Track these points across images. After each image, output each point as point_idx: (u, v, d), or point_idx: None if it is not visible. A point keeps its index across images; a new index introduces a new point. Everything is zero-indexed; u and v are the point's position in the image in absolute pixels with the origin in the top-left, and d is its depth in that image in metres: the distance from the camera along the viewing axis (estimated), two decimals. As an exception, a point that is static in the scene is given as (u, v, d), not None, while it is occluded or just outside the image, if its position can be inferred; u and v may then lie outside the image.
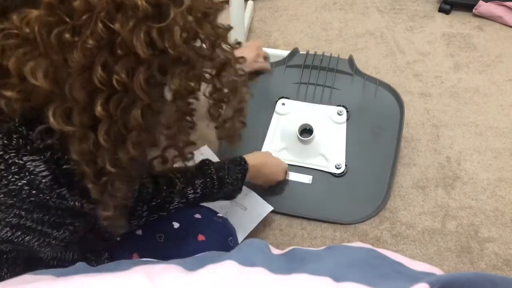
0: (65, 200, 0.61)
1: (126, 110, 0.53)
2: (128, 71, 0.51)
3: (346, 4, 1.70)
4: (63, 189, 0.60)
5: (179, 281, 0.50)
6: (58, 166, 0.59)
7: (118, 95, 0.52)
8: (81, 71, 0.50)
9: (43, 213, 0.62)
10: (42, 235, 0.65)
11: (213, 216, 0.91)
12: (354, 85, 1.27)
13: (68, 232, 0.66)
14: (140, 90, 0.52)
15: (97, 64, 0.50)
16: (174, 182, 0.86)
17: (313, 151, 1.21)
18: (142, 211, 0.80)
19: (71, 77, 0.50)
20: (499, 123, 1.34)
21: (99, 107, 0.52)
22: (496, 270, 1.07)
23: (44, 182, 0.59)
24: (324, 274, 0.48)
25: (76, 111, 0.53)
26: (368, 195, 1.18)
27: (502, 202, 1.18)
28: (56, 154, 0.59)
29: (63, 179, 0.60)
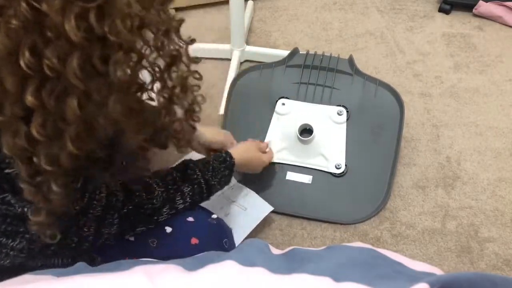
0: (11, 206, 0.59)
1: (61, 99, 0.49)
2: (60, 56, 0.47)
3: (346, 4, 1.70)
4: (6, 194, 0.58)
5: (179, 281, 0.50)
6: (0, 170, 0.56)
7: (51, 83, 0.48)
8: (7, 55, 0.46)
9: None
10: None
11: (207, 218, 0.91)
12: (354, 85, 1.27)
13: (26, 241, 0.63)
14: (74, 77, 0.47)
15: (24, 47, 0.46)
16: (152, 188, 0.81)
17: (313, 151, 1.21)
18: (112, 219, 0.75)
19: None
20: (499, 123, 1.34)
21: (29, 96, 0.48)
22: (496, 270, 1.07)
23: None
24: (324, 274, 0.48)
25: (7, 100, 0.49)
26: (368, 195, 1.18)
27: (502, 202, 1.18)
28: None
29: (6, 184, 0.57)
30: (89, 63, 0.48)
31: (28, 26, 0.45)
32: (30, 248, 0.65)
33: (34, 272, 0.55)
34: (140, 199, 0.78)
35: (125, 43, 0.49)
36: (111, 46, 0.49)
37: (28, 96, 0.48)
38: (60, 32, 0.46)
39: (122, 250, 0.82)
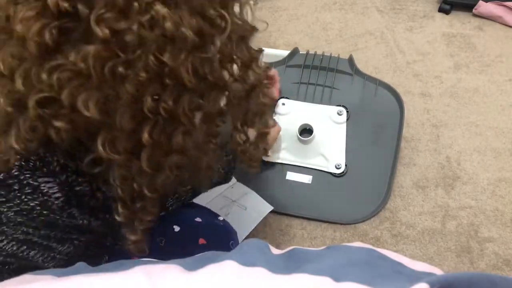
0: (74, 219, 0.62)
1: (169, 136, 0.54)
2: (174, 99, 0.52)
3: (346, 4, 1.70)
4: (73, 209, 0.61)
5: (178, 281, 0.50)
6: (71, 188, 0.60)
7: (163, 122, 0.53)
8: (131, 102, 0.50)
9: (50, 230, 0.62)
10: (46, 250, 0.65)
11: (214, 219, 0.91)
12: (354, 85, 1.27)
13: (73, 247, 0.67)
14: (184, 116, 0.52)
15: (148, 95, 0.50)
16: None
17: (313, 151, 1.21)
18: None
19: (121, 107, 0.51)
20: (499, 123, 1.34)
21: (146, 135, 0.52)
22: (496, 270, 1.07)
23: (56, 204, 0.59)
24: (324, 274, 0.48)
25: (123, 139, 0.53)
26: (368, 195, 1.18)
27: (502, 202, 1.18)
28: (71, 177, 0.60)
29: (75, 200, 0.61)
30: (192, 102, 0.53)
31: (152, 76, 0.49)
32: (75, 251, 0.68)
33: (34, 272, 0.55)
34: None
35: (219, 81, 0.55)
36: (208, 85, 0.54)
37: (145, 135, 0.52)
38: (177, 79, 0.51)
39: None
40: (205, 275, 0.51)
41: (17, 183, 0.58)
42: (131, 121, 0.51)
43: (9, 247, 0.62)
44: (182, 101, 0.52)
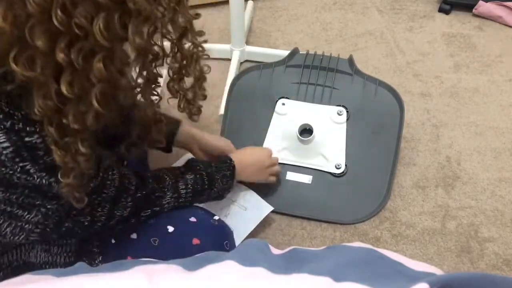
0: (30, 176, 0.60)
1: (88, 58, 0.54)
2: (87, 16, 0.51)
3: (346, 4, 1.70)
4: (26, 163, 0.59)
5: (178, 281, 0.50)
6: (19, 138, 0.59)
7: (79, 42, 0.53)
8: (41, 13, 0.50)
9: (9, 192, 0.61)
10: (12, 218, 0.64)
11: (209, 219, 0.91)
12: (354, 85, 1.27)
13: (41, 215, 0.65)
14: (100, 36, 0.52)
15: (56, 6, 0.50)
16: (162, 178, 0.86)
17: (313, 151, 1.21)
18: (126, 202, 0.78)
19: (31, 19, 0.50)
20: (499, 123, 1.34)
21: (60, 53, 0.52)
22: (496, 270, 1.07)
23: (5, 154, 0.58)
24: (324, 274, 0.48)
25: (39, 57, 0.52)
26: (368, 195, 1.18)
27: (502, 202, 1.18)
28: (17, 124, 0.58)
29: (26, 152, 0.59)
30: (112, 26, 0.53)
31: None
32: (45, 223, 0.66)
33: (34, 272, 0.55)
34: (153, 186, 0.83)
35: (142, 10, 0.54)
36: (129, 12, 0.54)
37: (59, 53, 0.52)
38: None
39: (123, 249, 0.82)
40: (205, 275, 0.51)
41: None
42: (43, 35, 0.51)
43: None
44: (97, 20, 0.52)
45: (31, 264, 0.77)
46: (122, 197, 0.76)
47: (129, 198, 0.78)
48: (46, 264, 0.77)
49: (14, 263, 0.76)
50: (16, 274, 0.74)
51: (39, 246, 0.77)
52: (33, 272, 0.55)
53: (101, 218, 0.74)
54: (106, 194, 0.72)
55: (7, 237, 0.65)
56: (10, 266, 0.75)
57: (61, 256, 0.78)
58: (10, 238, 0.66)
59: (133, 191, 0.78)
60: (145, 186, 0.81)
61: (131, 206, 0.79)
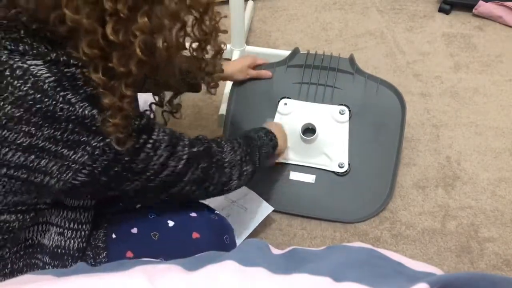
0: (72, 106, 0.62)
1: (132, 10, 0.59)
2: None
3: (346, 4, 1.71)
4: (67, 92, 0.62)
5: (178, 281, 0.50)
6: (59, 70, 0.62)
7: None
8: None
9: (54, 128, 0.62)
10: (58, 158, 0.64)
11: (209, 214, 0.91)
12: (356, 84, 1.27)
13: (88, 156, 0.65)
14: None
15: None
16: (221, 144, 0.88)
17: (316, 151, 1.21)
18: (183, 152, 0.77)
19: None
20: (499, 123, 1.34)
21: (107, 1, 0.57)
22: (496, 270, 1.07)
23: (47, 83, 0.60)
24: (324, 274, 0.48)
25: (87, 4, 0.57)
26: (372, 194, 1.19)
27: (502, 202, 1.18)
28: (61, 57, 0.62)
29: (66, 81, 0.62)
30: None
31: None
32: (93, 165, 0.66)
33: (34, 272, 0.55)
34: (210, 145, 0.84)
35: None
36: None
37: (106, 1, 0.57)
38: None
39: (124, 243, 0.83)
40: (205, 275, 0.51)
41: (8, 68, 0.60)
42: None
43: (15, 158, 0.63)
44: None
45: (44, 246, 0.77)
46: (178, 145, 0.76)
47: (185, 149, 0.77)
48: (58, 247, 0.77)
49: (29, 240, 0.76)
50: (28, 252, 0.76)
51: (53, 228, 0.77)
52: (33, 272, 0.55)
53: (154, 167, 0.73)
54: (157, 137, 0.72)
55: (54, 175, 0.65)
56: (24, 242, 0.76)
57: (74, 241, 0.78)
58: (57, 176, 0.66)
59: (188, 143, 0.79)
60: (202, 143, 0.83)
61: (186, 159, 0.77)
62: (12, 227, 0.71)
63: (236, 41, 1.44)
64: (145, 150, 0.71)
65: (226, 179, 0.87)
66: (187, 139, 0.80)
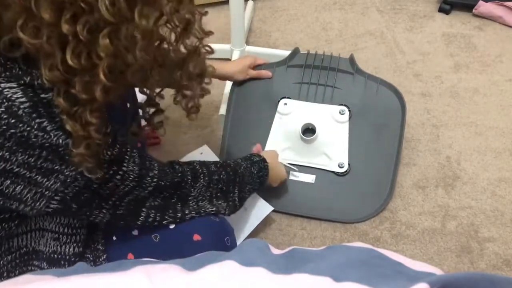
0: (47, 133, 0.60)
1: (93, 33, 0.55)
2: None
3: (346, 4, 1.71)
4: (43, 119, 0.60)
5: (178, 281, 0.50)
6: (36, 94, 0.59)
7: (85, 15, 0.54)
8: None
9: (28, 154, 0.61)
10: (32, 185, 0.64)
11: (211, 215, 0.91)
12: (356, 84, 1.27)
13: (60, 183, 0.65)
14: (105, 11, 0.53)
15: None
16: (198, 176, 0.86)
17: (316, 151, 1.21)
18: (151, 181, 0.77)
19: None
20: (499, 123, 1.34)
21: (65, 24, 0.53)
22: (496, 270, 1.07)
23: (22, 109, 0.58)
24: (324, 274, 0.48)
25: (44, 27, 0.54)
26: (372, 194, 1.19)
27: (502, 202, 1.18)
28: (36, 80, 0.59)
29: (42, 108, 0.60)
30: (118, 4, 0.54)
31: None
32: (65, 191, 0.66)
33: (34, 272, 0.55)
34: (181, 179, 0.82)
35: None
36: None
37: (64, 24, 0.53)
38: None
39: (125, 245, 0.83)
40: (204, 275, 0.51)
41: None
42: (49, 6, 0.52)
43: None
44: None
45: (40, 252, 0.77)
46: (147, 175, 0.75)
47: (154, 179, 0.77)
48: (54, 253, 0.77)
49: (24, 248, 0.76)
50: (23, 259, 0.75)
51: (48, 234, 0.77)
52: (33, 272, 0.55)
53: (119, 193, 0.73)
54: (127, 168, 0.72)
55: (28, 203, 0.66)
56: (19, 251, 0.76)
57: (70, 246, 0.78)
58: (31, 204, 0.66)
59: (157, 175, 0.77)
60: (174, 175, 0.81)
61: (153, 187, 0.77)
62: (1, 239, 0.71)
63: (236, 41, 1.44)
64: (114, 180, 0.71)
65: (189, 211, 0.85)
66: (157, 169, 0.77)
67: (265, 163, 1.01)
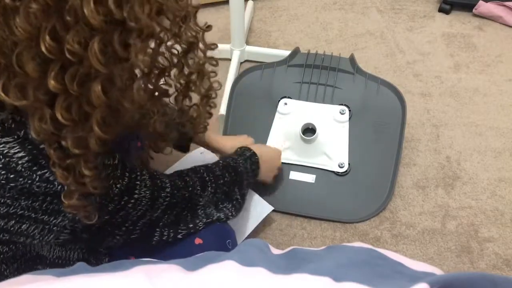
0: (50, 183, 0.58)
1: (84, 84, 0.50)
2: (81, 41, 0.47)
3: (346, 4, 1.70)
4: (44, 170, 0.57)
5: (178, 281, 0.50)
6: (34, 146, 0.56)
7: (73, 67, 0.49)
8: (28, 39, 0.47)
9: (31, 200, 0.58)
10: (39, 223, 0.61)
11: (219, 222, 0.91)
12: (356, 84, 1.27)
13: (68, 220, 0.62)
14: (96, 61, 0.48)
15: (44, 32, 0.46)
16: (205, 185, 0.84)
17: (316, 150, 1.21)
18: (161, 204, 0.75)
19: (18, 46, 0.47)
20: (499, 123, 1.34)
21: (51, 80, 0.49)
22: (496, 270, 1.07)
23: (21, 164, 0.56)
24: (324, 274, 0.48)
25: (29, 85, 0.50)
26: (372, 194, 1.18)
27: (502, 202, 1.18)
28: (30, 133, 0.55)
29: (43, 159, 0.57)
30: (110, 48, 0.49)
31: (48, 10, 0.46)
32: (74, 225, 0.64)
33: (34, 272, 0.55)
34: (192, 191, 0.80)
35: (144, 29, 0.50)
36: (130, 32, 0.50)
37: (50, 80, 0.49)
38: (80, 17, 0.47)
39: (126, 248, 0.82)
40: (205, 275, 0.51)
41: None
42: (32, 62, 0.48)
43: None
44: (92, 45, 0.48)
45: (43, 258, 0.76)
46: (159, 198, 0.73)
47: (166, 199, 0.75)
48: (59, 259, 0.76)
49: (28, 254, 0.75)
50: (28, 265, 0.74)
51: None
52: (33, 272, 0.55)
53: (133, 219, 0.71)
54: (139, 195, 0.69)
55: (36, 238, 0.63)
56: (24, 256, 0.75)
57: (75, 251, 0.77)
58: (39, 238, 0.64)
59: (169, 194, 0.75)
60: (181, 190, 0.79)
61: (166, 205, 0.76)
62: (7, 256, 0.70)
63: (236, 41, 1.44)
64: (126, 209, 0.69)
65: (199, 220, 0.84)
66: (169, 187, 0.75)
67: (256, 156, 1.00)
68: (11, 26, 0.46)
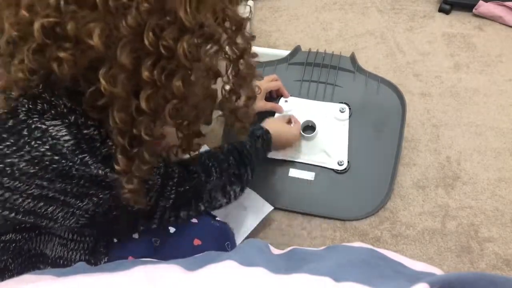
0: (88, 167, 0.62)
1: (169, 77, 0.57)
2: (174, 38, 0.55)
3: (346, 4, 1.70)
4: (85, 155, 0.61)
5: (178, 281, 0.50)
6: (79, 131, 0.60)
7: (163, 61, 0.56)
8: (133, 35, 0.53)
9: (65, 183, 0.63)
10: (65, 205, 0.65)
11: (211, 220, 0.91)
12: (356, 83, 1.27)
13: (92, 204, 0.67)
14: (183, 56, 0.55)
15: (149, 28, 0.53)
16: (210, 171, 0.87)
17: (316, 148, 1.22)
18: (170, 193, 0.79)
19: (122, 40, 0.54)
20: (499, 123, 1.34)
21: (145, 71, 0.55)
22: (496, 270, 1.07)
23: (66, 147, 0.59)
24: (324, 274, 0.48)
25: (123, 74, 0.55)
26: (371, 192, 1.19)
27: (502, 202, 1.18)
28: (80, 119, 0.60)
29: (85, 144, 0.61)
30: (192, 47, 0.57)
31: (154, 9, 0.53)
32: (95, 210, 0.68)
33: (34, 272, 0.55)
34: (198, 181, 0.83)
35: (214, 34, 0.59)
36: (204, 35, 0.58)
37: (144, 71, 0.55)
38: (177, 17, 0.54)
39: (125, 248, 0.83)
40: (205, 275, 0.51)
41: (26, 128, 0.59)
42: (130, 55, 0.54)
43: (25, 204, 0.63)
44: (181, 42, 0.55)
45: (45, 256, 0.78)
46: (168, 185, 0.77)
47: (173, 188, 0.79)
48: (60, 258, 0.78)
49: (32, 251, 0.77)
50: (31, 261, 0.76)
51: (56, 239, 0.78)
52: (33, 272, 0.55)
53: (147, 208, 0.75)
54: (152, 181, 0.73)
55: (59, 221, 0.67)
56: (28, 253, 0.77)
57: (77, 253, 0.78)
58: (61, 222, 0.68)
59: (176, 182, 0.79)
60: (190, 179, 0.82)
61: (173, 198, 0.79)
62: (19, 245, 0.73)
63: (236, 41, 1.44)
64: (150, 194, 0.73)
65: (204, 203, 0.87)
66: (177, 174, 0.79)
67: (268, 133, 1.03)
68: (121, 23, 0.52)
